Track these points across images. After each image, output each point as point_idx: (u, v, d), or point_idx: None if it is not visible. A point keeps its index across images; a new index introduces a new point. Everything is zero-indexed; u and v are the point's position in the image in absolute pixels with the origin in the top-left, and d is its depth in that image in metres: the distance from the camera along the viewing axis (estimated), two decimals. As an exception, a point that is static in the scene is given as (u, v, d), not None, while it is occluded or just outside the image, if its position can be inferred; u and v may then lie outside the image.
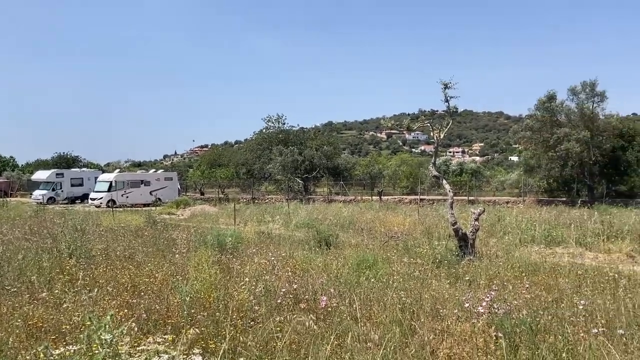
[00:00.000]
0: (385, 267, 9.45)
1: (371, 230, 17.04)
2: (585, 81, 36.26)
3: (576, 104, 36.91)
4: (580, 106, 36.73)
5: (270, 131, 55.75)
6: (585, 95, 36.40)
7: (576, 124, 36.18)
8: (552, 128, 36.37)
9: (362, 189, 50.79)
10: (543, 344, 5.29)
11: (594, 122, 36.04)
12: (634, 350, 5.19)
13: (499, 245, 12.76)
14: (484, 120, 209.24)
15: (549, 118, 36.96)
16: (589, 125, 35.71)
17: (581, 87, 36.32)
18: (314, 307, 6.93)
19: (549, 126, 36.68)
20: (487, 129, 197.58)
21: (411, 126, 12.97)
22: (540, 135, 36.97)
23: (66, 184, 46.10)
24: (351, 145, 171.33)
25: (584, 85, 36.22)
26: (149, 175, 46.22)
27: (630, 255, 13.12)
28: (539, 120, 37.22)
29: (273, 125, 55.61)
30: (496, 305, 6.57)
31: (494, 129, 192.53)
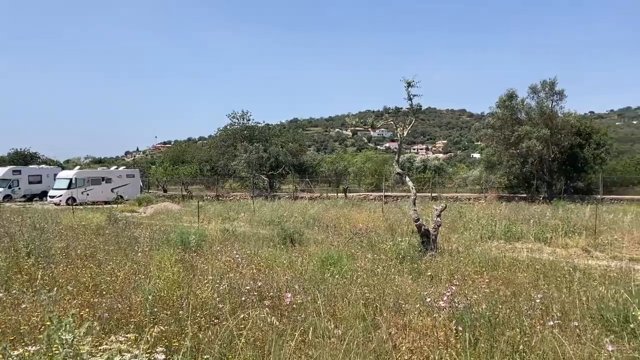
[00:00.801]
0: (350, 264, 9.53)
1: (336, 227, 17.12)
2: (545, 80, 37.22)
3: (536, 102, 37.84)
4: (540, 104, 37.63)
5: (234, 127, 55.36)
6: (545, 93, 37.34)
7: (536, 122, 37.02)
8: (512, 126, 37.17)
9: (327, 185, 50.92)
10: (501, 337, 5.44)
11: (553, 120, 36.97)
12: (587, 342, 5.39)
13: (460, 241, 13.00)
14: (447, 118, 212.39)
15: (509, 116, 37.77)
16: (549, 123, 36.62)
17: (541, 85, 37.23)
18: (279, 304, 6.95)
19: (510, 124, 37.48)
20: (451, 127, 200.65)
21: (375, 124, 13.08)
22: (502, 133, 37.74)
23: (24, 181, 44.73)
24: (317, 142, 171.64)
25: (544, 84, 37.14)
26: (110, 172, 45.30)
27: (586, 250, 13.55)
28: (500, 118, 38.00)
29: (237, 122, 55.29)
30: (457, 300, 6.71)
31: (457, 127, 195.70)
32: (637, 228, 15.16)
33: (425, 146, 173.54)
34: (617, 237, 14.30)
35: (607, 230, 15.73)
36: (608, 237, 14.49)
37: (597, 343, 5.13)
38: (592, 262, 10.97)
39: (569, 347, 5.06)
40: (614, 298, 6.34)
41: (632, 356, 4.56)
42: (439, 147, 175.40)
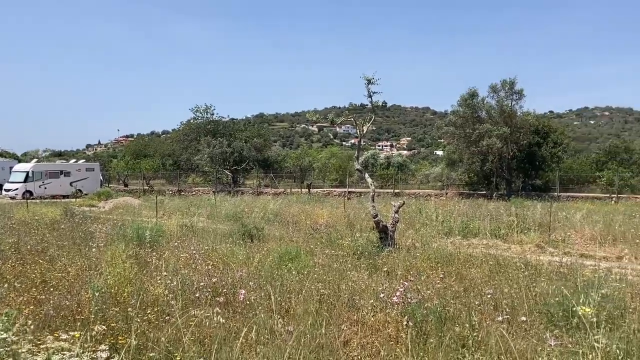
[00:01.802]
0: (308, 260, 9.53)
1: (297, 223, 17.11)
2: (505, 79, 37.99)
3: (496, 101, 38.59)
4: (500, 103, 38.39)
5: (198, 121, 54.68)
6: (505, 92, 38.10)
7: (496, 120, 37.78)
8: (474, 124, 37.83)
9: (292, 181, 50.85)
10: (449, 332, 5.52)
11: (512, 119, 37.76)
12: (533, 336, 5.52)
13: (417, 237, 13.14)
14: (411, 115, 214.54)
15: (471, 114, 38.43)
16: (508, 121, 37.39)
17: (501, 85, 37.97)
18: (232, 301, 6.90)
19: (471, 122, 38.14)
20: (415, 124, 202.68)
21: (335, 120, 13.10)
22: (463, 131, 38.38)
23: (-23, 174, 43.27)
24: (283, 137, 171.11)
25: (504, 83, 37.89)
26: (69, 165, 44.16)
27: (539, 246, 13.89)
28: (462, 117, 38.64)
29: (201, 116, 54.59)
30: (410, 295, 6.79)
31: (421, 124, 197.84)
32: (588, 225, 15.61)
33: (390, 143, 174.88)
34: (570, 234, 14.69)
35: (560, 227, 16.16)
36: (561, 234, 14.88)
37: (541, 337, 5.25)
38: (545, 258, 11.24)
39: (514, 341, 5.18)
40: (560, 293, 6.49)
41: (572, 350, 4.68)
42: (404, 144, 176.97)
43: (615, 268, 9.87)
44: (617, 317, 5.69)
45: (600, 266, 9.55)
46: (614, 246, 13.56)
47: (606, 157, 45.78)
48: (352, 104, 69.78)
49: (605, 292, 6.38)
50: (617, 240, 13.98)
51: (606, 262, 11.31)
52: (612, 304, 6.01)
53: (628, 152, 46.67)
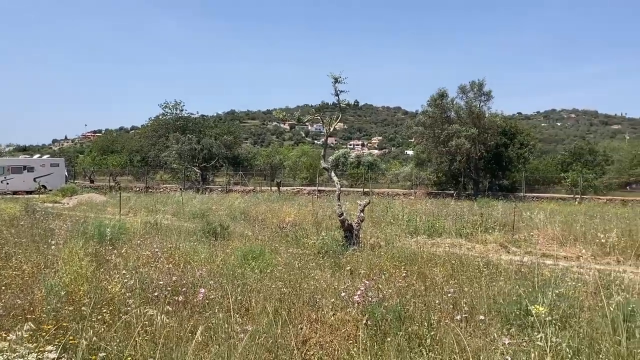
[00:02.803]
0: (272, 258, 9.47)
1: (264, 221, 17.00)
2: (474, 81, 38.52)
3: (465, 102, 39.11)
4: (469, 104, 38.89)
5: (167, 117, 53.96)
6: (474, 94, 38.62)
7: (465, 121, 38.27)
8: (443, 124, 38.24)
9: (262, 179, 50.66)
10: (407, 330, 5.54)
11: (480, 120, 38.32)
12: (490, 335, 5.57)
13: (383, 236, 13.19)
14: (383, 115, 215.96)
15: (440, 115, 38.83)
16: (476, 122, 37.93)
17: (470, 86, 38.47)
18: (192, 300, 6.80)
19: (440, 122, 38.54)
20: (386, 123, 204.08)
21: (302, 119, 13.05)
22: (432, 131, 38.76)
23: None
24: (254, 135, 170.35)
25: (473, 84, 38.39)
26: (32, 160, 43.11)
27: (503, 245, 14.08)
28: (431, 117, 39.02)
29: (170, 112, 53.90)
30: (371, 294, 6.79)
31: (392, 124, 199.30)
32: (551, 225, 15.90)
33: (362, 142, 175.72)
34: (533, 234, 14.95)
35: (524, 226, 16.43)
36: (525, 234, 15.13)
37: (497, 336, 5.31)
38: (507, 257, 11.40)
39: (471, 340, 5.22)
40: (517, 293, 6.58)
41: (525, 349, 4.74)
42: (375, 143, 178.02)
43: (574, 267, 10.06)
44: (570, 315, 5.78)
45: (559, 265, 9.75)
46: (574, 246, 13.82)
47: (571, 159, 46.83)
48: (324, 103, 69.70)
49: (561, 291, 6.49)
50: (577, 240, 14.26)
51: (566, 262, 11.52)
52: (567, 303, 6.11)
53: (592, 153, 47.83)
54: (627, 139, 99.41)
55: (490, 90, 38.31)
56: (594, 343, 4.85)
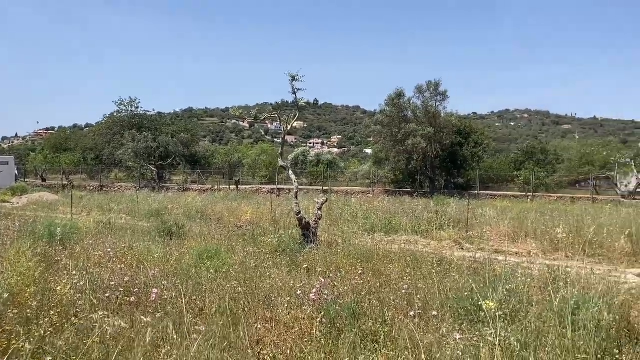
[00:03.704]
0: (228, 257, 9.38)
1: (221, 220, 16.83)
2: (430, 81, 39.15)
3: (422, 101, 39.66)
4: (425, 104, 39.49)
5: (122, 115, 52.71)
6: (430, 94, 39.24)
7: (421, 120, 38.84)
8: (400, 123, 38.70)
9: (220, 177, 50.10)
10: (361, 327, 5.57)
11: (436, 119, 38.96)
12: (444, 329, 5.66)
13: (340, 234, 13.25)
14: (342, 114, 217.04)
15: (397, 114, 39.29)
16: (433, 122, 38.54)
17: (426, 86, 39.06)
18: (145, 300, 6.67)
19: (398, 122, 38.99)
20: (345, 122, 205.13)
21: (258, 116, 12.97)
22: (390, 130, 39.16)
23: None
24: (212, 133, 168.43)
25: (429, 84, 39.00)
26: (-21, 158, 41.44)
27: (457, 242, 14.35)
28: (389, 116, 39.44)
29: (125, 109, 52.62)
30: (327, 292, 6.81)
31: (352, 122, 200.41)
32: (503, 222, 16.30)
33: (321, 141, 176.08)
34: (486, 231, 15.29)
35: (478, 224, 16.78)
36: (478, 231, 15.46)
37: (449, 331, 5.40)
38: (461, 253, 11.61)
39: (424, 336, 5.30)
40: (469, 288, 6.71)
41: (475, 343, 4.84)
42: (334, 142, 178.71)
43: (524, 263, 10.36)
44: (520, 310, 5.93)
45: (510, 261, 9.99)
46: (525, 242, 14.22)
47: (524, 157, 48.09)
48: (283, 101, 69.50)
49: (511, 287, 6.65)
50: (528, 236, 14.66)
51: (517, 258, 11.84)
52: (517, 298, 6.27)
53: (544, 152, 49.28)
54: (577, 139, 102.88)
55: (446, 90, 39.07)
56: (541, 336, 5.00)
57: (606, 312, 5.23)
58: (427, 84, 38.95)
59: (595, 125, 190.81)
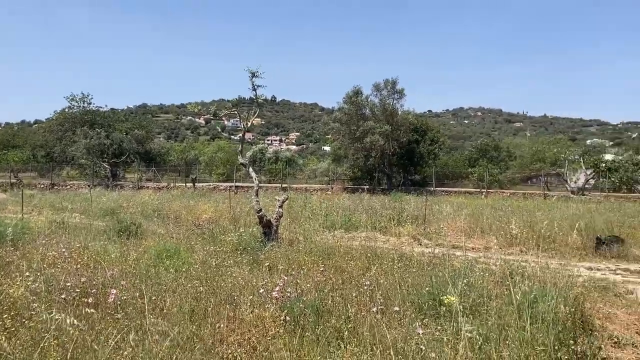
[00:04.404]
0: (188, 257, 9.25)
1: (179, 219, 16.58)
2: (387, 79, 39.55)
3: (379, 99, 40.06)
4: (382, 102, 39.90)
5: (74, 111, 51.17)
6: (387, 92, 39.65)
7: (379, 118, 39.24)
8: (358, 121, 38.99)
9: (176, 175, 49.36)
10: (325, 324, 5.59)
11: (394, 117, 39.43)
12: (405, 325, 5.73)
13: (301, 231, 13.25)
14: (300, 111, 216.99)
15: (355, 112, 39.56)
16: (390, 119, 38.99)
17: (384, 84, 39.46)
18: (103, 302, 6.50)
19: (356, 119, 39.26)
20: (304, 119, 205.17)
21: (218, 113, 12.79)
22: (348, 128, 39.40)
23: None
24: (167, 129, 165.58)
25: (386, 82, 39.43)
26: None
27: (415, 238, 14.57)
28: (347, 114, 39.66)
29: (77, 105, 51.11)
30: (289, 290, 6.80)
31: (310, 120, 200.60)
32: (459, 218, 16.65)
33: (279, 138, 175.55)
34: (443, 226, 15.58)
35: (435, 220, 17.08)
36: (435, 226, 15.73)
37: (411, 326, 5.47)
38: (420, 249, 11.79)
39: (387, 331, 5.35)
40: (430, 284, 6.82)
41: (438, 337, 4.92)
42: (292, 139, 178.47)
43: (481, 258, 10.60)
44: (479, 304, 6.07)
45: (468, 256, 10.21)
46: (482, 237, 14.57)
47: (478, 155, 49.27)
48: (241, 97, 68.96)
49: (470, 281, 6.80)
50: (484, 231, 15.03)
51: (474, 253, 12.12)
52: (476, 292, 6.41)
53: (497, 150, 50.64)
54: (528, 136, 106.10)
55: (402, 88, 39.59)
56: (501, 329, 5.13)
57: (562, 305, 5.42)
58: (384, 82, 39.38)
59: (545, 123, 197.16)
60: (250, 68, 11.61)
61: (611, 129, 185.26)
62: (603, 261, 11.92)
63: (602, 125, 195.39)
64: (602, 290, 8.55)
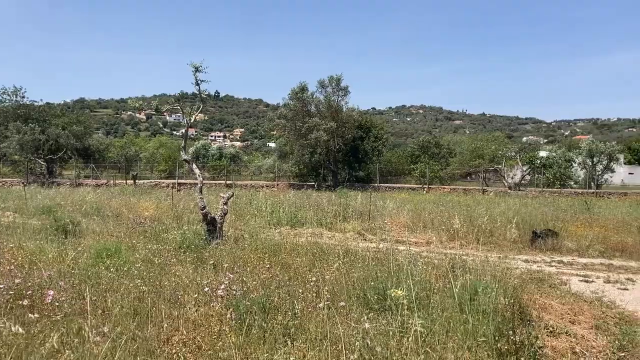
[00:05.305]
0: (129, 255, 9.00)
1: (119, 217, 16.11)
2: (332, 75, 39.83)
3: (324, 96, 40.33)
4: (327, 98, 40.16)
5: (5, 105, 48.73)
6: (332, 88, 39.94)
7: (324, 114, 39.47)
8: (303, 117, 39.08)
9: (116, 172, 48.01)
10: (272, 321, 5.58)
11: (339, 114, 39.77)
12: (352, 320, 5.80)
13: (247, 228, 13.15)
14: (244, 107, 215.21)
15: (301, 108, 39.65)
16: (335, 116, 39.30)
17: (328, 81, 39.70)
18: (40, 303, 6.23)
19: (301, 116, 39.35)
20: (248, 115, 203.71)
21: (160, 108, 12.54)
22: (294, 124, 39.43)
23: None
24: (106, 125, 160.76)
25: (331, 79, 39.68)
26: None
27: (360, 234, 14.76)
28: (292, 110, 39.69)
29: (9, 99, 48.69)
30: (235, 287, 6.74)
31: (254, 116, 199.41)
32: (402, 213, 16.98)
33: (223, 134, 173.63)
34: (387, 222, 15.84)
35: (379, 215, 17.34)
36: (379, 222, 15.98)
37: (358, 320, 5.53)
38: (365, 244, 11.93)
39: (334, 327, 5.39)
40: (375, 278, 6.92)
41: (385, 330, 5.00)
42: (237, 135, 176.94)
43: (424, 252, 10.85)
44: (423, 298, 6.21)
45: (411, 251, 10.41)
46: (424, 232, 14.90)
47: (420, 151, 50.41)
48: (183, 92, 67.75)
49: (414, 275, 6.94)
50: (426, 226, 15.38)
51: (417, 247, 12.39)
52: (420, 286, 6.55)
53: (438, 146, 51.95)
54: (468, 134, 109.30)
55: (347, 85, 39.98)
56: (445, 322, 5.26)
57: (501, 297, 5.62)
58: (329, 79, 39.62)
59: (484, 120, 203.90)
60: (194, 62, 11.43)
61: (545, 127, 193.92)
62: (539, 254, 12.45)
63: (537, 123, 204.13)
64: (538, 282, 8.92)
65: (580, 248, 12.83)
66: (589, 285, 9.17)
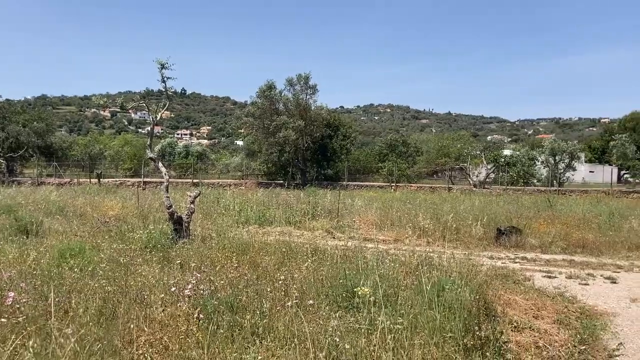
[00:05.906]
0: (94, 255, 8.83)
1: (83, 216, 15.78)
2: (300, 74, 39.82)
3: (292, 94, 40.31)
4: (296, 97, 40.15)
5: (-38, 102, 47.26)
6: (300, 87, 39.97)
7: (292, 113, 39.44)
8: (272, 116, 38.97)
9: (80, 170, 47.00)
10: (240, 321, 5.55)
11: (307, 112, 39.79)
12: (320, 318, 5.80)
13: (214, 227, 13.04)
14: (211, 104, 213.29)
15: (269, 106, 39.53)
16: (303, 114, 39.32)
17: (297, 79, 39.68)
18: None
19: (269, 114, 39.23)
20: (215, 113, 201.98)
21: (125, 105, 12.27)
22: (262, 122, 39.28)
23: None
24: (70, 122, 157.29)
25: (299, 77, 39.67)
26: None
27: (328, 232, 14.81)
28: (260, 108, 39.54)
29: (-33, 95, 47.19)
30: (202, 287, 6.67)
31: (222, 114, 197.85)
32: (370, 211, 17.10)
33: (190, 131, 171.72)
34: (355, 220, 15.92)
35: (347, 213, 17.42)
36: (348, 220, 16.05)
37: (326, 318, 5.55)
38: (333, 242, 11.98)
39: (302, 325, 5.39)
40: (343, 276, 6.94)
41: (353, 327, 5.03)
42: (204, 133, 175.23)
43: (392, 250, 10.94)
44: (391, 294, 6.26)
45: (379, 248, 10.49)
46: (392, 230, 15.03)
47: (387, 150, 50.80)
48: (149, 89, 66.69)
49: (382, 273, 7.00)
50: (394, 224, 15.52)
51: (385, 245, 12.48)
52: (388, 283, 6.60)
53: (405, 145, 52.46)
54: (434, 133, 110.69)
55: (315, 84, 40.05)
56: (412, 318, 5.32)
57: (467, 293, 5.71)
58: (297, 77, 39.61)
59: (450, 120, 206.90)
60: (160, 59, 11.26)
61: (509, 126, 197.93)
62: (503, 250, 12.69)
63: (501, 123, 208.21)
64: (502, 278, 9.09)
65: (543, 245, 13.13)
66: (551, 281, 9.41)
